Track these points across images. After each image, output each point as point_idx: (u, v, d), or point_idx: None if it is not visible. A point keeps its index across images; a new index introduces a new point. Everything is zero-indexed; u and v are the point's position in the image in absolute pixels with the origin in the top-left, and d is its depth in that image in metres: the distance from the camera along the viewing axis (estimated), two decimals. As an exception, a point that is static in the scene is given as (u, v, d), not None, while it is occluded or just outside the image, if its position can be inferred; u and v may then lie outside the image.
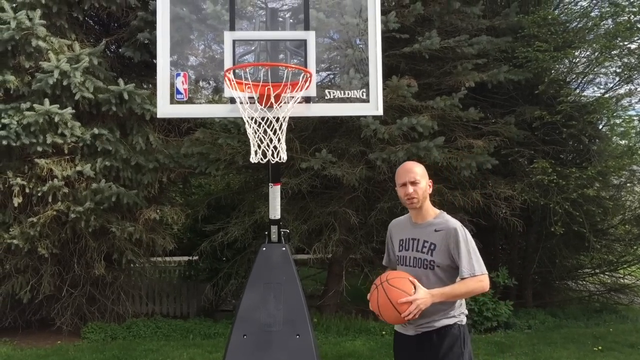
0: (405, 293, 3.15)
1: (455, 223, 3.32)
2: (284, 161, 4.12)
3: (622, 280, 10.98)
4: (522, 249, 10.74)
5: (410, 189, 3.33)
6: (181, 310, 10.46)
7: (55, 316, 8.68)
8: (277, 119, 4.06)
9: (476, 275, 3.20)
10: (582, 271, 11.20)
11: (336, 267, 9.54)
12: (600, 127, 10.07)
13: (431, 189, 3.43)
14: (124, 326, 8.98)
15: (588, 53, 9.76)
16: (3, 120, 7.60)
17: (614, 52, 9.19)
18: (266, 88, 4.07)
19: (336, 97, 4.54)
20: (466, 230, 3.31)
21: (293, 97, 4.08)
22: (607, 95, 9.83)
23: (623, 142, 9.70)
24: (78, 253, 8.42)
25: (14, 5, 7.82)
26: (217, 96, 6.50)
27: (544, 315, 9.57)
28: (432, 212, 3.42)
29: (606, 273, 10.99)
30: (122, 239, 8.36)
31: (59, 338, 8.64)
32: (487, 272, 3.27)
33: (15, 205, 7.82)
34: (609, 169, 8.85)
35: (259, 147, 4.04)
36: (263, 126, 4.01)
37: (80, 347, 8.28)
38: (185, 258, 11.16)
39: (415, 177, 3.35)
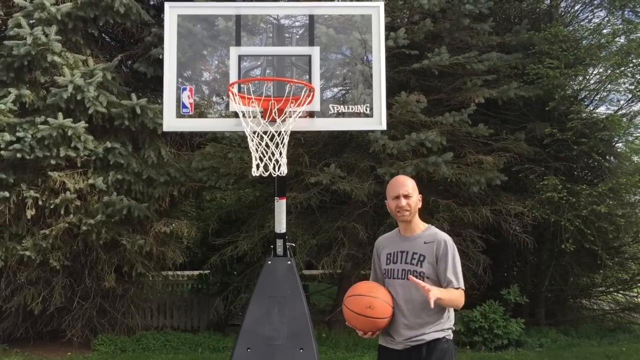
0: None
1: (444, 236, 3.39)
2: (284, 174, 4.15)
3: (636, 299, 10.81)
4: (534, 266, 10.64)
5: (403, 201, 3.36)
6: (192, 323, 10.49)
7: (66, 328, 8.75)
8: (279, 133, 4.10)
9: (460, 289, 3.29)
10: (596, 289, 11.05)
11: (346, 283, 9.50)
12: (614, 144, 10.00)
13: (420, 204, 3.46)
14: (133, 339, 9.03)
15: (600, 70, 9.74)
16: (18, 134, 7.76)
17: (627, 69, 9.14)
18: (269, 102, 4.13)
19: (340, 111, 4.59)
20: (454, 245, 3.38)
21: (295, 111, 4.12)
22: (620, 113, 9.77)
23: (636, 159, 9.63)
24: (89, 265, 8.51)
25: (31, 21, 8.01)
26: (228, 111, 6.60)
27: (556, 333, 9.44)
28: (421, 226, 3.47)
29: (620, 292, 10.83)
30: (132, 252, 8.43)
31: (69, 350, 8.70)
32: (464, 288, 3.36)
33: (29, 217, 7.94)
34: (621, 186, 8.77)
35: (261, 160, 4.09)
36: (265, 140, 4.05)
37: (90, 359, 8.35)
38: (197, 272, 11.21)
39: (408, 191, 3.39)
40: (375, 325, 3.38)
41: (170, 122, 4.60)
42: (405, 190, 3.38)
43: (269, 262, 4.77)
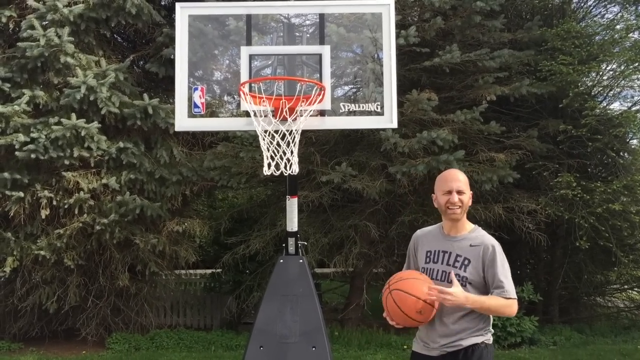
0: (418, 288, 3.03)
1: (492, 240, 3.16)
2: (295, 173, 4.16)
3: (652, 297, 10.73)
4: (547, 263, 10.58)
5: (456, 197, 3.13)
6: (204, 322, 10.53)
7: (80, 326, 8.83)
8: (291, 132, 4.12)
9: (510, 298, 3.11)
10: (610, 287, 10.97)
11: (358, 281, 9.53)
12: (629, 140, 9.91)
13: (471, 202, 3.22)
14: (147, 337, 9.09)
15: (614, 66, 9.65)
16: (32, 135, 7.82)
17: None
18: (280, 101, 4.15)
19: (351, 110, 4.59)
20: (502, 250, 3.16)
21: (306, 110, 4.14)
22: (634, 109, 9.68)
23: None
24: (103, 264, 8.57)
25: (44, 23, 8.08)
26: (239, 110, 6.64)
27: (570, 331, 9.39)
28: (467, 226, 3.24)
29: (635, 289, 10.74)
30: (145, 251, 8.48)
31: (84, 348, 8.78)
32: (516, 298, 3.17)
33: (43, 217, 8.01)
34: (635, 182, 8.69)
35: (272, 159, 4.11)
36: (276, 139, 4.07)
37: (104, 358, 8.42)
38: (209, 271, 11.27)
39: (461, 186, 3.16)
40: (413, 325, 3.18)
41: (182, 122, 4.64)
42: (458, 185, 3.14)
43: (281, 261, 4.79)
